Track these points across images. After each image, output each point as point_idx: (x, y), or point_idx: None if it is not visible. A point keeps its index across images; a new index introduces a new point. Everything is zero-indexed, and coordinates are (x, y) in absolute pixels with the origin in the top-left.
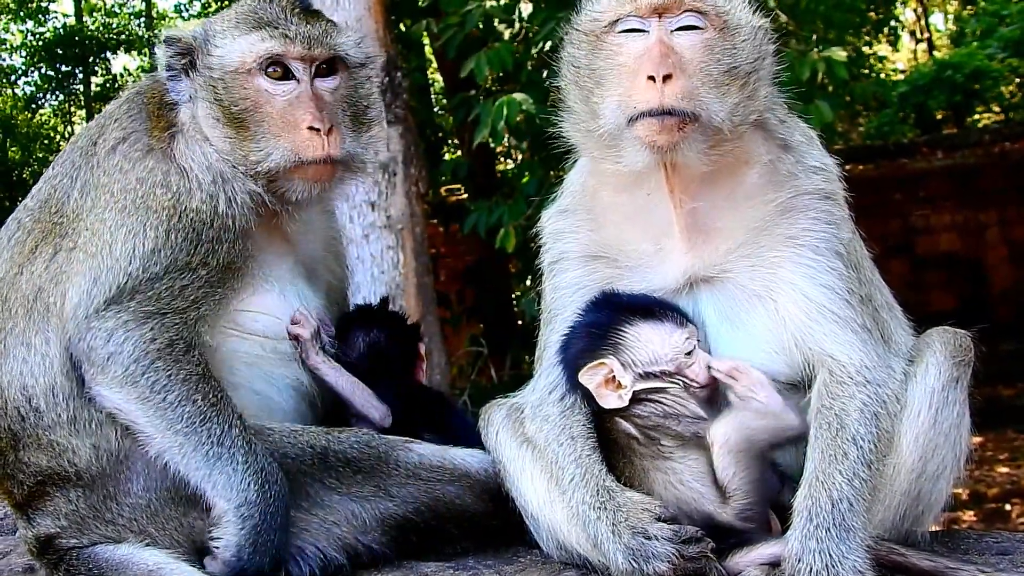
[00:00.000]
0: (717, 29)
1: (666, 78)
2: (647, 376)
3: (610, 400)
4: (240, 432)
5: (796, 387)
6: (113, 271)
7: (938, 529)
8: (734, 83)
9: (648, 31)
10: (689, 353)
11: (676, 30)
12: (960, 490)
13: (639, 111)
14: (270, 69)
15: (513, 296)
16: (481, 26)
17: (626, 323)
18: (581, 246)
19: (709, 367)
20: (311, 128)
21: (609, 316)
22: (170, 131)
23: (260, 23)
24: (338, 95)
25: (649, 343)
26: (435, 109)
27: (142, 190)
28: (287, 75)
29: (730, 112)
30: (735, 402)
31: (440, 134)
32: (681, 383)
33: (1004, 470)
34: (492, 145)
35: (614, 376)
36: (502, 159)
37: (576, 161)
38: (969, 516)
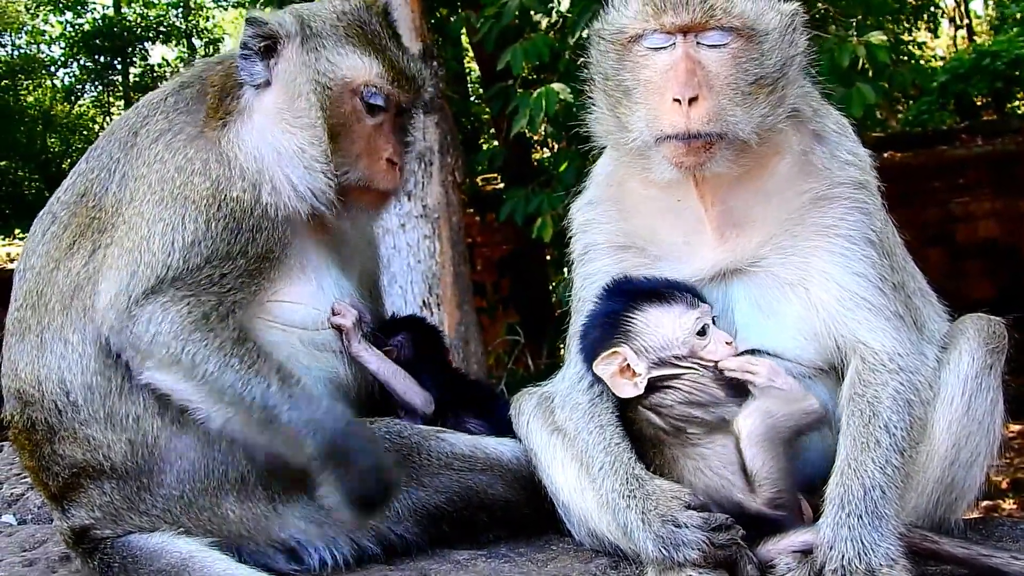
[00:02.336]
0: (745, 39)
1: (692, 100)
2: (661, 363)
3: (626, 389)
4: (279, 388)
5: (826, 373)
6: (151, 265)
7: (972, 517)
8: (761, 92)
9: (674, 45)
10: (702, 333)
11: (702, 43)
12: (1000, 478)
13: (666, 134)
14: (371, 99)
15: (550, 285)
16: (518, 15)
17: (636, 309)
18: (610, 236)
19: (721, 366)
20: (389, 161)
21: (620, 304)
22: (225, 119)
23: (370, 44)
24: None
25: (659, 327)
26: (471, 98)
27: (180, 179)
28: (379, 105)
29: (758, 123)
30: (756, 392)
31: (477, 123)
32: (699, 366)
33: None
34: (528, 135)
35: (628, 364)
36: (538, 147)
37: (604, 150)
38: (1009, 504)
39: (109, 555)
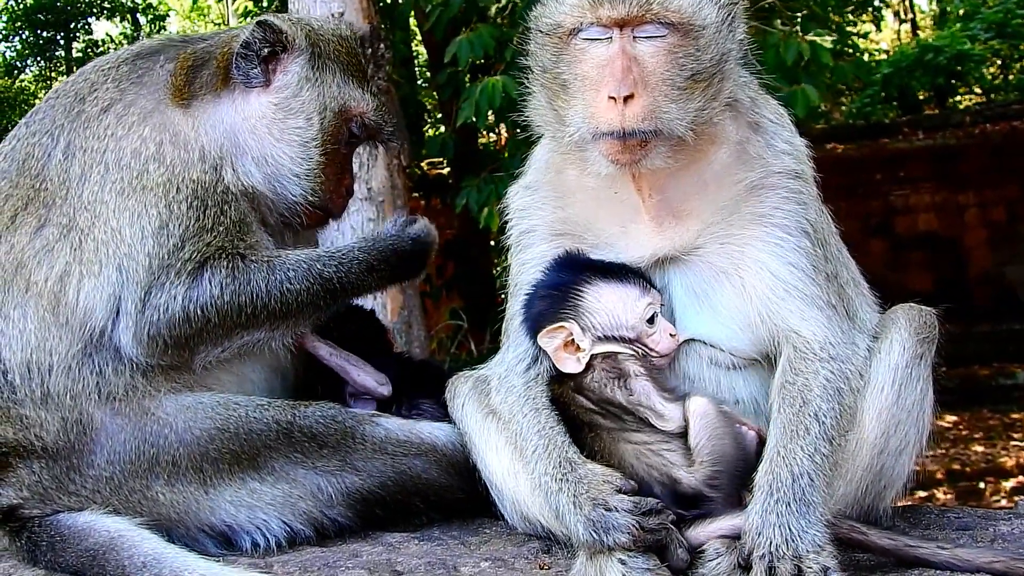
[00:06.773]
0: (682, 33)
1: (628, 98)
2: (605, 339)
3: (568, 364)
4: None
5: (760, 364)
6: (131, 257)
7: (900, 505)
8: (697, 87)
9: (611, 38)
10: (651, 321)
11: (639, 37)
12: (935, 468)
13: (602, 132)
14: (357, 131)
15: (494, 270)
16: (466, 3)
17: (587, 284)
18: (547, 223)
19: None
20: (347, 189)
21: (571, 277)
22: (190, 100)
23: (365, 77)
24: None
25: (611, 307)
26: (419, 82)
27: (137, 166)
28: (357, 136)
29: (693, 118)
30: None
31: (428, 107)
32: (640, 351)
33: (979, 449)
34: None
35: (573, 339)
36: (484, 133)
37: (542, 136)
38: (944, 494)
39: (37, 534)
